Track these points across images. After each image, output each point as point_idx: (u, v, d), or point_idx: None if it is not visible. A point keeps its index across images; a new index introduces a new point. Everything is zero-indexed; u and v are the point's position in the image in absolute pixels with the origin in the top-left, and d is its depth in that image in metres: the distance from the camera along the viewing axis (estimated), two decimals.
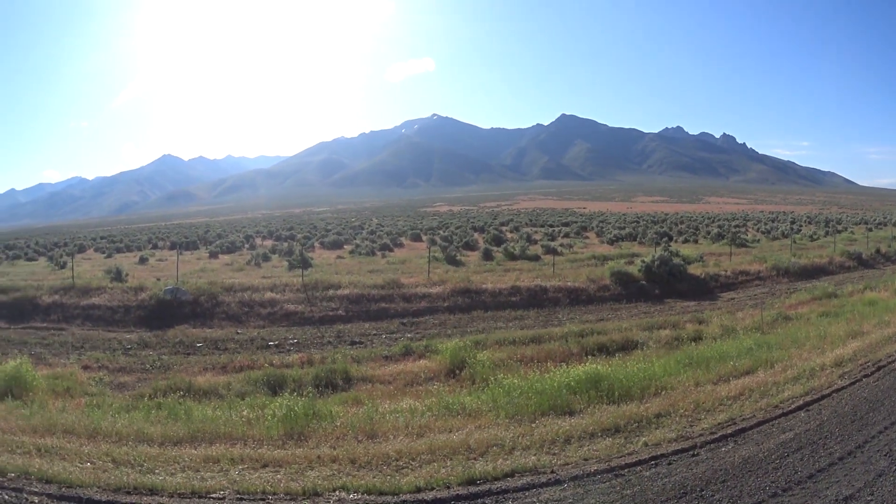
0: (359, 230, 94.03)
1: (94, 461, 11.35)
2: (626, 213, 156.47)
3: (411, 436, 12.58)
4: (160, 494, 9.90)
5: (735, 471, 9.88)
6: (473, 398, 15.01)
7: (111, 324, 30.81)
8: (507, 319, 29.44)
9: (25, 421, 13.96)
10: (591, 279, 35.11)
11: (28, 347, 26.25)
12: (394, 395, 17.11)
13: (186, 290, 32.60)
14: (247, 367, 21.27)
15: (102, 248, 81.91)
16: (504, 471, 10.29)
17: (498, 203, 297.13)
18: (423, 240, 74.64)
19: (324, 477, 10.56)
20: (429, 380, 18.90)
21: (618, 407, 13.28)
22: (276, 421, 13.65)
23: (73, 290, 34.14)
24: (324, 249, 65.82)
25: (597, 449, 11.16)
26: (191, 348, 25.90)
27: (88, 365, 22.69)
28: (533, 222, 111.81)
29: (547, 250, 52.24)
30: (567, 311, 30.91)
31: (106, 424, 13.65)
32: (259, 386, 18.54)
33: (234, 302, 31.87)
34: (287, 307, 31.40)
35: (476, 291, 33.14)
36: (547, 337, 23.50)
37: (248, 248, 69.31)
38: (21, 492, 9.87)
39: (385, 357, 22.33)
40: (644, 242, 61.76)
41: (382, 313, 30.93)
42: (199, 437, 12.97)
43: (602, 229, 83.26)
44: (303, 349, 24.74)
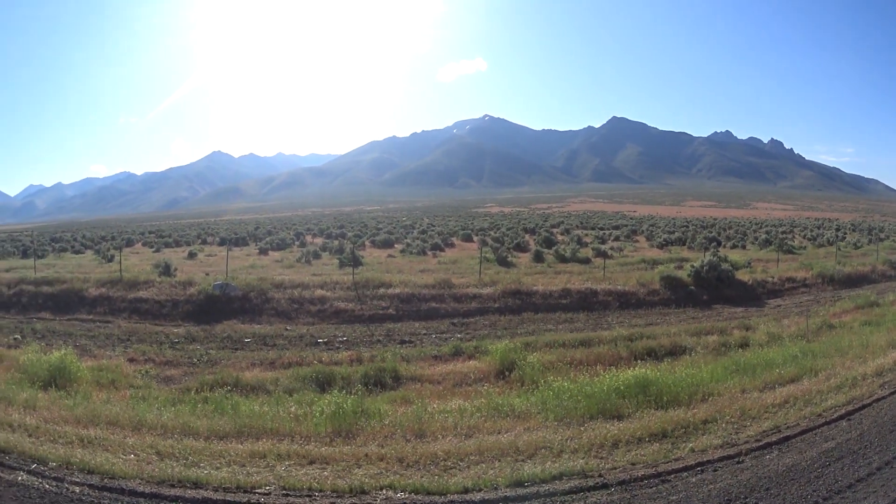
0: (410, 229, 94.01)
1: (137, 453, 11.42)
2: (675, 218, 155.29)
3: (460, 436, 12.57)
4: (205, 488, 9.91)
5: (778, 479, 9.85)
6: (522, 400, 15.00)
7: (158, 317, 31.15)
8: (556, 322, 29.34)
9: (69, 411, 14.09)
10: (641, 283, 34.89)
11: (73, 339, 26.63)
12: (443, 395, 17.11)
13: (236, 286, 32.84)
14: (295, 364, 21.30)
15: (151, 243, 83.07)
16: (552, 473, 10.24)
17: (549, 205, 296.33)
18: (474, 240, 74.48)
19: (371, 475, 10.56)
20: (478, 381, 18.81)
21: (665, 412, 13.29)
22: (324, 418, 13.65)
23: (121, 284, 34.49)
24: (374, 248, 66.01)
25: (644, 454, 11.13)
26: (239, 343, 26.04)
27: (134, 358, 22.94)
28: (584, 225, 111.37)
29: (597, 253, 52.06)
30: (616, 315, 30.77)
31: (151, 417, 13.76)
32: (307, 383, 18.54)
33: (284, 298, 32.00)
34: (337, 305, 31.45)
35: (527, 293, 33.00)
36: (596, 340, 23.41)
37: (299, 245, 69.61)
38: (62, 481, 9.95)
39: (435, 357, 22.29)
40: (693, 247, 61.23)
41: (433, 313, 30.89)
42: (246, 432, 13.01)
43: (652, 233, 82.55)
44: (352, 347, 24.76)
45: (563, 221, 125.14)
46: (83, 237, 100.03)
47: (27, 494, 9.50)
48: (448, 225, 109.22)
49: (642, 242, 72.66)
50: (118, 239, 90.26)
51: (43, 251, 68.51)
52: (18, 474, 10.19)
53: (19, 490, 9.64)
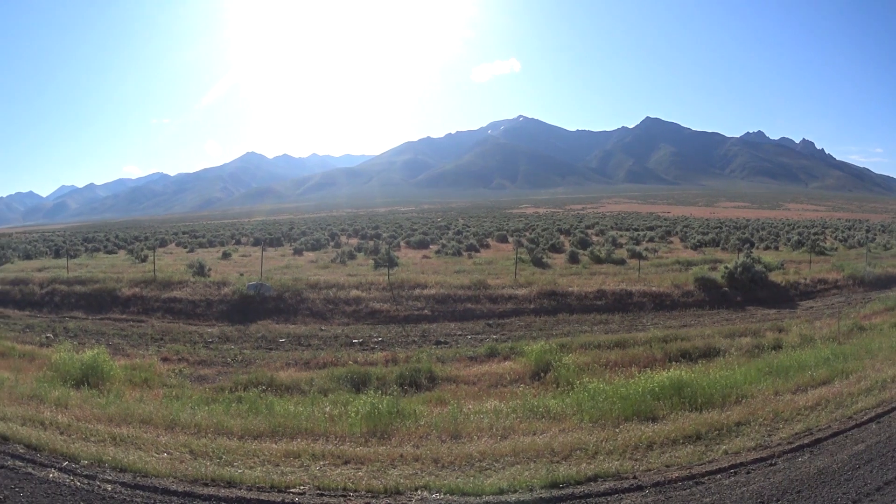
0: (445, 230, 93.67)
1: (171, 452, 11.48)
2: (708, 219, 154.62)
3: (495, 437, 12.61)
4: (238, 487, 9.94)
5: (810, 481, 9.87)
6: (558, 401, 15.00)
7: (192, 317, 31.38)
8: (592, 323, 29.32)
9: (101, 409, 14.17)
10: (676, 284, 34.76)
11: (106, 338, 26.93)
12: (478, 396, 17.16)
13: (270, 286, 32.97)
14: (330, 364, 21.38)
15: (184, 243, 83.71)
16: (587, 475, 10.31)
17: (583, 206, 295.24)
18: (509, 241, 74.35)
19: (406, 476, 10.59)
20: (513, 381, 18.91)
21: (700, 414, 13.39)
22: (359, 418, 13.68)
23: (154, 283, 34.75)
24: (409, 249, 65.93)
25: (678, 456, 11.22)
26: (273, 343, 26.17)
27: (168, 357, 23.16)
28: (618, 226, 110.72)
29: (632, 254, 51.77)
30: (651, 316, 30.70)
31: (185, 416, 13.83)
32: (342, 383, 18.59)
33: (319, 299, 32.12)
34: (372, 305, 31.52)
35: (562, 294, 32.93)
36: (631, 342, 23.44)
37: (333, 245, 69.71)
38: (94, 479, 9.99)
39: (470, 358, 22.31)
40: (727, 248, 60.78)
41: (468, 314, 30.92)
42: (280, 431, 13.06)
43: (686, 234, 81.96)
44: (387, 347, 24.85)
45: (598, 222, 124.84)
46: (116, 237, 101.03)
47: (58, 492, 9.50)
48: (483, 226, 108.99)
49: (676, 243, 72.35)
50: (151, 239, 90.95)
51: (75, 251, 69.36)
52: (49, 471, 10.21)
53: (50, 487, 9.65)
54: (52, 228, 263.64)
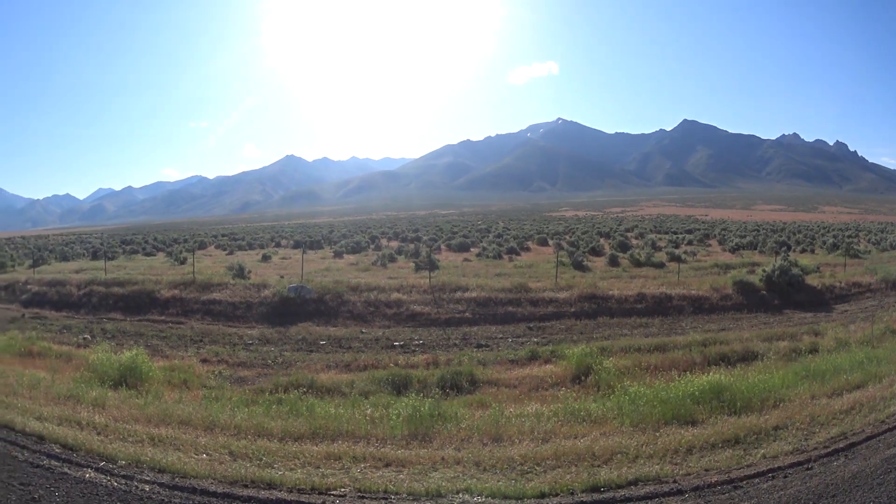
0: (485, 233, 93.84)
1: (210, 453, 11.48)
2: (746, 222, 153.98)
3: (536, 440, 12.58)
4: (279, 489, 9.90)
5: (844, 485, 9.77)
6: (599, 405, 15.02)
7: (232, 319, 31.59)
8: (632, 326, 29.27)
9: (139, 410, 14.24)
10: (714, 288, 34.66)
11: (144, 339, 27.25)
12: (519, 400, 17.18)
13: (311, 289, 33.10)
14: (371, 367, 21.46)
15: (224, 245, 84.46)
16: (628, 479, 10.30)
17: (622, 208, 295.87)
18: (549, 244, 74.79)
19: (447, 479, 10.53)
20: (554, 385, 18.92)
21: (738, 418, 13.36)
22: (400, 421, 13.69)
23: (193, 286, 35.02)
24: (450, 252, 66.08)
25: (717, 460, 11.17)
26: (314, 346, 26.30)
27: (207, 358, 23.35)
28: (657, 229, 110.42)
29: (671, 257, 51.88)
30: (690, 320, 30.59)
31: (224, 417, 13.86)
32: (383, 385, 18.64)
33: (360, 301, 32.23)
34: (413, 308, 31.56)
35: (602, 297, 32.91)
36: (671, 345, 23.43)
37: (374, 248, 69.99)
38: (131, 479, 9.98)
39: (511, 361, 22.35)
40: (764, 251, 60.55)
41: (509, 317, 30.94)
42: (321, 433, 13.06)
43: (724, 237, 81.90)
44: (428, 350, 24.85)
45: (637, 225, 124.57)
46: (154, 239, 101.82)
47: (94, 492, 9.49)
48: (523, 229, 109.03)
49: (715, 246, 72.20)
50: (190, 241, 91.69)
51: (113, 253, 70.33)
52: (86, 471, 10.21)
53: (86, 487, 9.64)
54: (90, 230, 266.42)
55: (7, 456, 10.89)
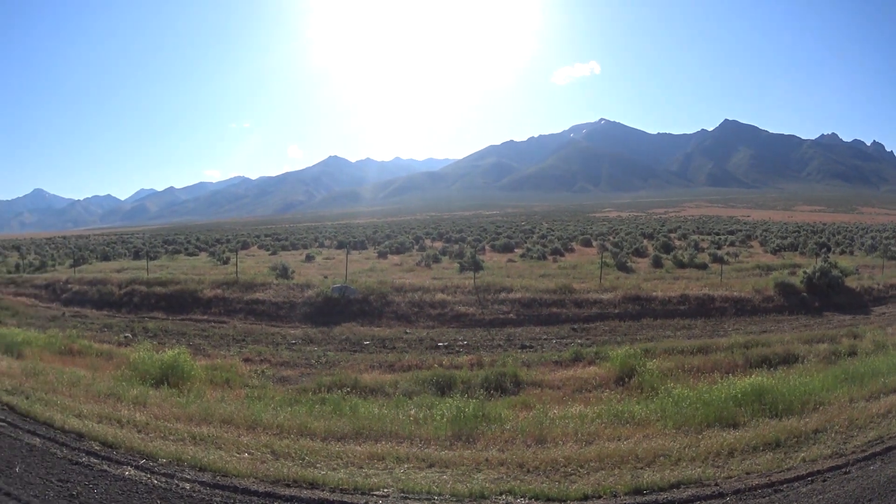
0: (529, 234, 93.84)
1: (252, 452, 11.50)
2: (787, 223, 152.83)
3: (580, 442, 12.54)
4: (321, 488, 9.88)
5: (880, 489, 9.78)
6: (642, 407, 14.99)
7: (275, 319, 31.76)
8: (675, 328, 29.14)
9: (181, 409, 14.32)
10: (757, 289, 34.42)
11: (186, 338, 27.50)
12: (563, 401, 17.04)
13: (355, 289, 33.20)
14: (415, 367, 21.40)
15: (267, 246, 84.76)
16: (670, 482, 10.31)
17: (665, 209, 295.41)
18: (593, 245, 74.76)
19: (491, 480, 10.51)
20: (598, 386, 18.82)
21: (779, 421, 13.30)
22: (444, 421, 13.66)
23: (237, 285, 35.27)
24: (494, 252, 66.09)
25: (758, 463, 11.13)
26: (357, 346, 26.35)
27: (250, 358, 23.43)
28: (700, 230, 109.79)
29: (714, 258, 51.71)
30: (732, 322, 30.37)
31: (267, 416, 13.88)
32: (427, 386, 18.56)
33: (404, 302, 32.31)
34: (457, 308, 31.54)
35: (646, 299, 32.85)
36: (714, 347, 23.21)
37: (418, 249, 70.13)
38: (172, 478, 10.01)
39: (555, 362, 22.24)
40: (805, 253, 60.35)
41: (553, 318, 30.87)
42: (365, 433, 13.03)
43: (765, 238, 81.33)
44: (472, 351, 24.79)
45: (680, 226, 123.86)
46: (197, 240, 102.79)
47: (134, 489, 9.54)
48: (567, 230, 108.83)
49: (756, 248, 71.86)
50: (233, 242, 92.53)
51: (155, 253, 71.28)
52: (126, 469, 10.27)
53: (126, 485, 9.69)
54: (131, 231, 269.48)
55: (46, 453, 10.97)
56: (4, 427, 12.41)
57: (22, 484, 9.70)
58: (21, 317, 33.39)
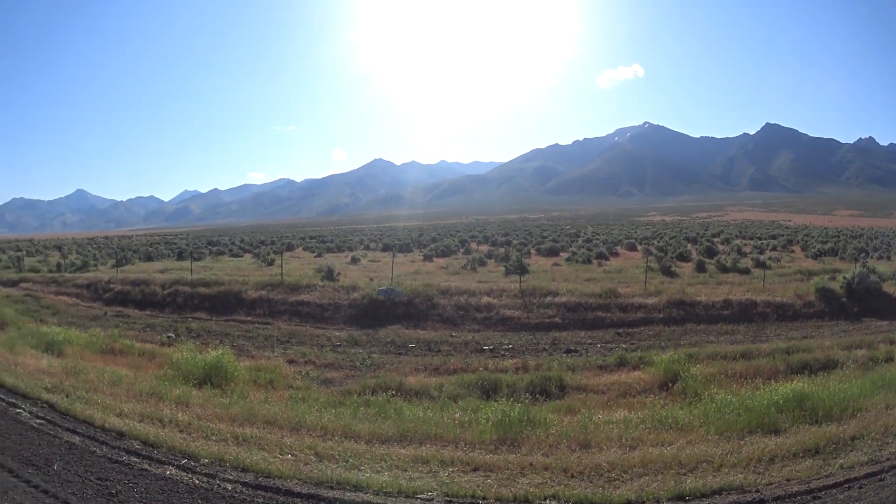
0: (574, 238, 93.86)
1: (295, 453, 11.51)
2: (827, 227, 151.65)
3: (624, 448, 12.51)
4: (365, 491, 9.86)
5: None
6: (685, 412, 14.94)
7: (320, 321, 31.86)
8: (718, 333, 28.95)
9: (223, 409, 14.37)
10: (798, 295, 34.08)
11: (230, 339, 27.69)
12: (607, 406, 17.05)
13: (401, 291, 33.21)
14: (460, 370, 21.38)
15: (312, 248, 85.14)
16: (712, 488, 10.27)
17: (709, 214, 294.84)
18: (637, 249, 74.48)
19: (535, 485, 10.48)
20: (642, 392, 18.85)
21: (819, 427, 13.23)
22: (489, 425, 13.60)
23: (281, 287, 35.43)
24: (540, 256, 66.15)
25: (798, 469, 11.07)
26: (402, 348, 26.36)
27: (294, 359, 23.53)
28: (742, 234, 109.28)
29: (756, 263, 51.45)
30: (774, 327, 30.14)
31: (311, 418, 13.91)
32: (472, 389, 18.53)
33: (450, 305, 32.27)
34: (503, 312, 31.44)
35: (690, 304, 32.61)
36: (756, 353, 23.11)
37: (464, 252, 70.23)
38: (214, 478, 10.05)
39: (599, 367, 22.23)
40: (844, 258, 59.88)
41: (598, 322, 30.78)
42: (409, 436, 13.02)
43: (806, 243, 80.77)
44: (517, 355, 24.74)
45: (723, 231, 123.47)
46: (241, 241, 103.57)
47: (175, 489, 9.59)
48: (612, 233, 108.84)
49: (798, 252, 71.41)
50: (278, 243, 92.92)
51: (199, 254, 71.92)
52: (167, 468, 10.33)
53: (167, 484, 9.74)
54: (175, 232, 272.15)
55: (85, 451, 11.08)
56: (43, 425, 12.56)
57: (60, 481, 9.81)
58: (62, 316, 33.86)
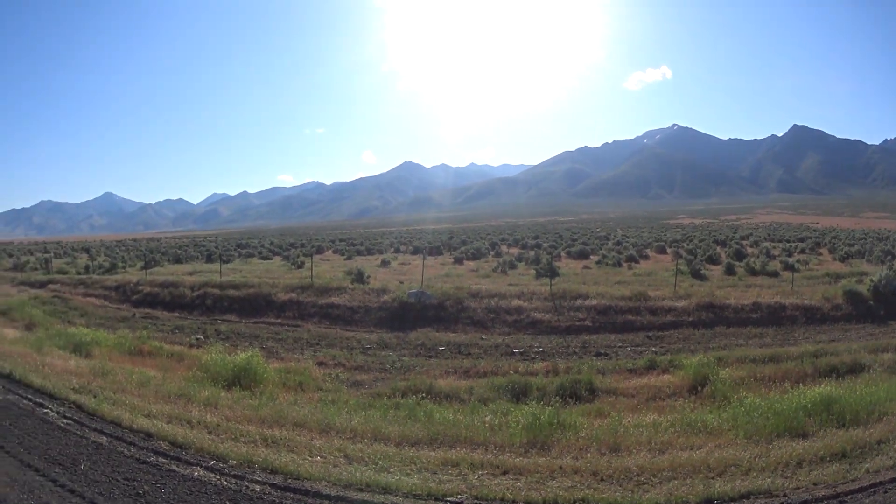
0: (604, 241, 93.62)
1: (325, 455, 11.54)
2: (854, 230, 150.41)
3: (654, 451, 12.53)
4: (394, 494, 9.86)
5: None
6: (714, 416, 14.96)
7: (350, 323, 31.93)
8: (747, 336, 28.77)
9: (252, 411, 14.43)
10: (826, 297, 33.90)
11: (259, 341, 27.82)
12: (637, 409, 17.07)
13: (431, 294, 33.21)
14: (490, 373, 21.40)
15: (342, 251, 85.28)
16: (740, 492, 10.27)
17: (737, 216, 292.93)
18: (667, 252, 74.28)
19: (565, 488, 10.47)
20: (671, 395, 18.83)
21: (846, 431, 13.24)
22: (519, 428, 13.60)
23: (311, 289, 35.53)
24: (570, 259, 65.94)
25: (825, 474, 11.04)
26: (432, 351, 26.37)
27: (323, 361, 23.63)
28: (771, 237, 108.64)
29: (785, 266, 51.35)
30: (803, 331, 29.94)
31: (340, 420, 13.95)
32: (502, 392, 18.55)
33: (480, 308, 32.23)
34: (533, 315, 31.37)
35: (719, 307, 32.47)
36: (784, 356, 23.02)
37: (494, 255, 70.19)
38: (242, 479, 10.10)
39: (629, 370, 22.22)
40: (871, 261, 59.13)
41: (628, 325, 30.69)
42: (439, 439, 13.02)
43: (834, 246, 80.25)
44: (548, 358, 24.66)
45: (752, 233, 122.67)
46: (271, 244, 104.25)
47: (203, 490, 9.64)
48: (641, 236, 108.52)
49: (826, 255, 70.95)
50: (308, 246, 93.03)
51: (229, 256, 72.37)
52: (195, 469, 10.40)
53: (194, 485, 9.80)
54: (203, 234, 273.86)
55: (112, 451, 11.20)
56: (70, 425, 12.71)
57: (87, 481, 9.90)
58: (90, 317, 34.26)
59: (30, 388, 15.42)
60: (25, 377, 16.48)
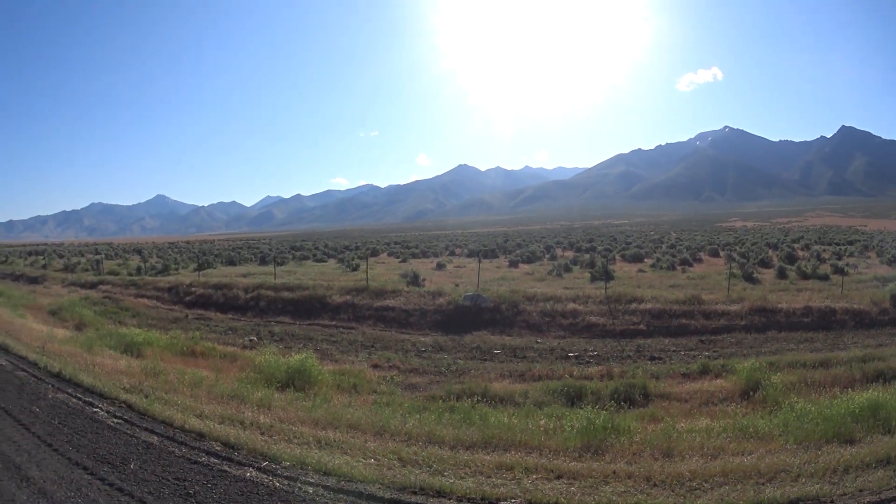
0: (658, 244, 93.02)
1: (378, 458, 11.51)
2: None
3: (706, 457, 12.47)
4: (448, 497, 9.85)
5: None
6: (765, 421, 14.84)
7: (404, 326, 32.02)
8: (797, 341, 28.48)
9: (306, 413, 14.46)
10: (874, 301, 33.48)
11: (314, 343, 27.94)
12: (689, 414, 16.98)
13: (487, 297, 33.22)
14: (545, 377, 21.29)
15: (396, 253, 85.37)
16: (790, 498, 10.20)
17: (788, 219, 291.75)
18: (720, 255, 73.53)
19: (618, 493, 10.44)
20: (724, 400, 18.69)
21: (892, 437, 13.10)
22: (573, 433, 13.53)
23: (366, 292, 35.63)
24: (624, 262, 65.66)
25: (871, 480, 10.92)
26: (487, 354, 26.31)
27: (378, 364, 23.69)
28: (821, 240, 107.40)
29: (834, 269, 50.81)
30: (852, 335, 29.53)
31: (395, 423, 13.93)
32: (556, 396, 18.48)
33: (535, 311, 32.14)
34: (588, 319, 31.26)
35: (771, 311, 32.20)
36: (833, 361, 22.76)
37: (549, 258, 69.83)
38: (295, 481, 10.10)
39: (683, 374, 22.09)
40: None
41: (682, 329, 30.51)
42: (494, 443, 12.95)
43: (881, 249, 79.00)
44: (602, 362, 24.59)
45: (803, 236, 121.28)
46: (325, 246, 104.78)
47: (254, 491, 9.69)
48: (695, 239, 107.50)
49: (874, 258, 69.90)
50: (362, 249, 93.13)
51: (283, 259, 72.77)
52: (247, 470, 10.45)
53: (246, 486, 9.85)
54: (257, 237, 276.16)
55: (163, 451, 11.31)
56: (120, 424, 12.87)
57: (136, 480, 10.01)
58: (142, 318, 34.81)
59: (79, 387, 15.68)
60: (75, 376, 16.77)
